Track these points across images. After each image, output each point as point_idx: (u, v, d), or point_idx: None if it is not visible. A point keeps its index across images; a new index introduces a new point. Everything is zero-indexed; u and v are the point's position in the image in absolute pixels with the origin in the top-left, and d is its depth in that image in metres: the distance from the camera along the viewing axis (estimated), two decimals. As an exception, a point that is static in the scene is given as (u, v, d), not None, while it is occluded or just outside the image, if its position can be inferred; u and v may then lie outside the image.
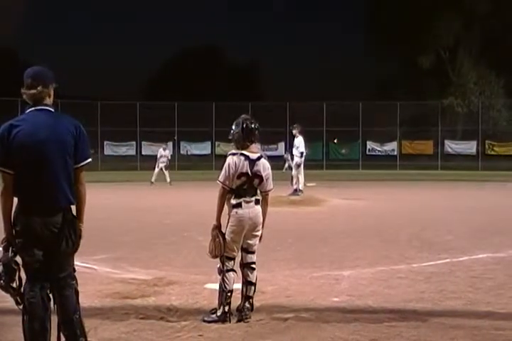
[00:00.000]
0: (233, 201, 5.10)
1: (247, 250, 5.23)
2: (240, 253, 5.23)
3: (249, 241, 5.21)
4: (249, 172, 5.10)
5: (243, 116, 5.34)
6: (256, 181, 5.15)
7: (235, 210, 5.10)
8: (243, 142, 5.20)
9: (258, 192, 5.25)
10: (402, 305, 5.60)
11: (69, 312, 3.89)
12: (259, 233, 5.24)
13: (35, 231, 3.77)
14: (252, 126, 5.22)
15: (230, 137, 5.32)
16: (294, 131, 17.14)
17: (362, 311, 5.39)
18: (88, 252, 6.72)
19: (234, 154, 5.17)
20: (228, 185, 5.09)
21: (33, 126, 3.80)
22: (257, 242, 5.28)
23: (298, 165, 17.02)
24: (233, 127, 5.27)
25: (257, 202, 5.18)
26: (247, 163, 5.10)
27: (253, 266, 5.25)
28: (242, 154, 5.14)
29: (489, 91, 43.89)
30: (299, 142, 16.91)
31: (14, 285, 3.80)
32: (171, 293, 6.00)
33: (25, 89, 3.89)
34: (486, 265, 7.48)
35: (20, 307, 3.83)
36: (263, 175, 5.17)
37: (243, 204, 5.10)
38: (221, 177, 5.11)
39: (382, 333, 4.73)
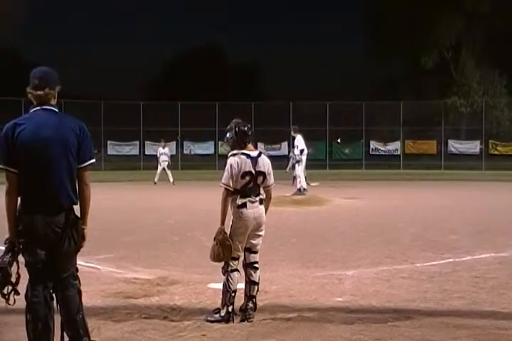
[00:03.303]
0: (238, 201, 5.11)
1: (250, 250, 5.24)
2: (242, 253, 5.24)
3: (253, 241, 5.22)
4: (253, 171, 5.12)
5: (234, 120, 5.42)
6: (260, 178, 5.17)
7: (240, 210, 5.10)
8: (239, 146, 5.25)
9: (262, 191, 5.26)
10: (405, 304, 5.60)
11: (72, 311, 3.89)
12: (262, 233, 5.26)
13: (38, 231, 3.77)
14: (245, 128, 5.28)
15: (225, 142, 5.39)
16: (292, 133, 17.58)
17: (365, 311, 5.39)
18: (91, 252, 6.75)
19: (235, 154, 5.20)
20: (232, 186, 5.09)
21: (37, 125, 3.80)
22: (260, 242, 5.30)
23: (298, 161, 17.14)
24: (227, 134, 5.32)
25: (261, 201, 5.20)
26: (249, 161, 5.14)
27: (256, 265, 5.26)
28: (242, 153, 5.17)
29: (492, 91, 43.75)
30: (298, 141, 17.15)
31: (5, 291, 3.74)
32: (174, 293, 6.01)
33: (32, 89, 3.89)
34: (489, 265, 7.47)
35: (10, 304, 3.77)
36: (265, 171, 5.20)
37: (248, 204, 5.11)
38: (224, 179, 5.12)
39: (385, 333, 4.73)
